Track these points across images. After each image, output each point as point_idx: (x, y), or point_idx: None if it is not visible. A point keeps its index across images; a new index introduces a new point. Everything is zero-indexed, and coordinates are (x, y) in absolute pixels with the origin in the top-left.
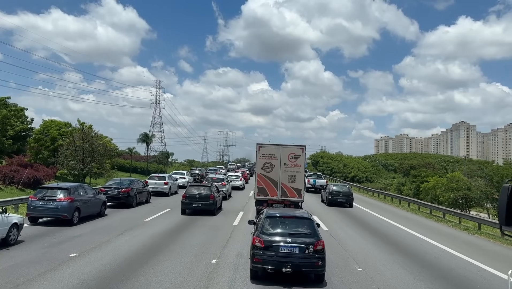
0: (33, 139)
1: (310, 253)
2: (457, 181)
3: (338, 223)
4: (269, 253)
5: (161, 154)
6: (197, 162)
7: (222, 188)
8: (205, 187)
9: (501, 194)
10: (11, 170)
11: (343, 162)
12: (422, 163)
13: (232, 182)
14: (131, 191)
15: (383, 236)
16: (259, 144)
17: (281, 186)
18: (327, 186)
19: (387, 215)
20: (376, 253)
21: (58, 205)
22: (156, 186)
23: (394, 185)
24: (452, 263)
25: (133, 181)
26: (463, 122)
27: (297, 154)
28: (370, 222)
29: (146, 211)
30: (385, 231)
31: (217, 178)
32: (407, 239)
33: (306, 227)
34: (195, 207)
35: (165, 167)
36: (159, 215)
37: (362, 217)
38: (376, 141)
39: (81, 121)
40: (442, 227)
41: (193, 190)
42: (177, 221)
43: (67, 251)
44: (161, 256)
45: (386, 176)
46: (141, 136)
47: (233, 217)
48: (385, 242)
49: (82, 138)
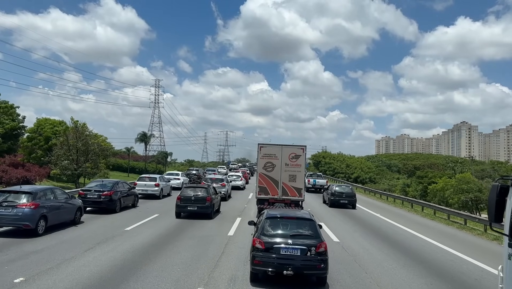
0: (26, 138)
1: (312, 255)
2: (467, 182)
3: (349, 232)
4: (269, 255)
5: (159, 154)
6: (197, 162)
7: (221, 189)
8: (202, 188)
9: (491, 192)
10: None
11: (345, 163)
12: (426, 163)
13: (232, 182)
14: (114, 195)
15: (407, 250)
16: (260, 144)
17: (282, 185)
18: (329, 186)
19: (402, 222)
20: (403, 275)
21: (19, 212)
22: (146, 188)
23: (399, 186)
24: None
25: (117, 183)
26: (464, 122)
27: (298, 154)
28: (385, 231)
29: (130, 217)
30: (406, 243)
31: (216, 178)
32: (435, 254)
33: (307, 228)
34: (191, 210)
35: (164, 167)
36: (143, 223)
37: (374, 223)
38: (377, 141)
39: (75, 119)
40: (466, 236)
41: (188, 192)
42: (162, 230)
43: (13, 274)
44: (132, 282)
45: (390, 177)
46: (139, 135)
47: (228, 225)
48: (411, 259)
49: (75, 137)
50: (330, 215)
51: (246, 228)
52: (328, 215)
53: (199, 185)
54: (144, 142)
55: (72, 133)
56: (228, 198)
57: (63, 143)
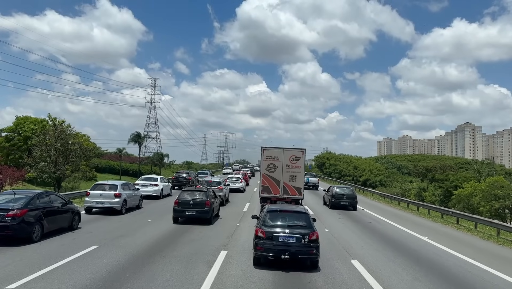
0: (3, 138)
1: (305, 242)
2: (500, 187)
3: (374, 254)
4: (270, 242)
5: (155, 156)
6: (196, 164)
7: (219, 193)
8: (200, 192)
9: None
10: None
11: (353, 164)
12: (439, 165)
13: (232, 184)
14: (27, 215)
15: (452, 279)
16: (263, 147)
17: (283, 185)
18: (330, 188)
19: (436, 237)
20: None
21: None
22: (101, 199)
23: (413, 191)
24: None
25: (38, 195)
26: (468, 123)
27: (298, 156)
28: (417, 250)
29: (47, 253)
30: (445, 266)
31: (213, 181)
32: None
33: (302, 220)
34: (189, 215)
35: (160, 169)
36: (59, 266)
37: (399, 239)
38: (379, 143)
39: (52, 116)
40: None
41: (186, 196)
42: (89, 279)
43: None
44: None
45: (402, 179)
46: (132, 136)
47: (221, 239)
48: None
49: (54, 136)
50: (345, 228)
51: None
52: (341, 227)
53: (198, 188)
54: (138, 143)
55: (50, 132)
56: (226, 203)
57: (41, 142)
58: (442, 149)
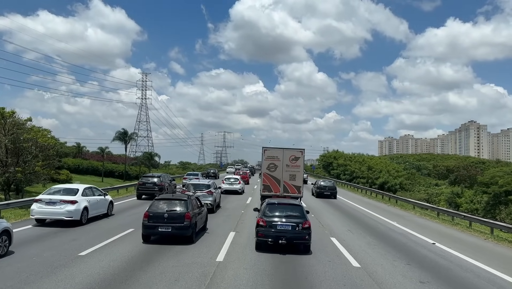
0: None
1: (299, 229)
2: None
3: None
4: (269, 229)
5: (144, 155)
6: (194, 164)
7: (208, 198)
8: (179, 201)
9: None
10: None
11: (366, 164)
12: (461, 164)
13: (229, 185)
14: None
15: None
16: (264, 147)
17: (283, 183)
18: (316, 182)
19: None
20: None
21: None
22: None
23: (444, 196)
24: None
25: None
26: (473, 121)
27: (297, 156)
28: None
29: None
30: None
31: (200, 184)
32: None
33: (297, 211)
34: (163, 231)
35: (149, 170)
36: None
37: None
38: (380, 142)
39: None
40: None
41: (160, 206)
42: None
43: None
44: None
45: (425, 182)
46: (117, 133)
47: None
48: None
49: (3, 131)
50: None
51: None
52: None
53: (177, 196)
54: (125, 142)
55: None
56: (216, 209)
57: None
58: (445, 148)
